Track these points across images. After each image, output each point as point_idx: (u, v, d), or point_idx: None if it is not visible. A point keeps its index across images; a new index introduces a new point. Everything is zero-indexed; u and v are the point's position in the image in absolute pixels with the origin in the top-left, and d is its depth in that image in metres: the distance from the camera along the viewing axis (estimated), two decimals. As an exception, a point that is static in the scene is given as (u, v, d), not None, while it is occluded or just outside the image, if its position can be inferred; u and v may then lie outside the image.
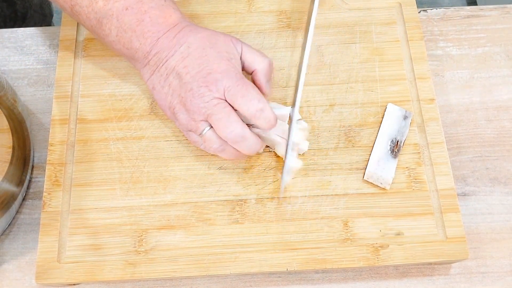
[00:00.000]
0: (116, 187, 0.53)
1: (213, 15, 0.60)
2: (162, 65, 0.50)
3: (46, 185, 0.52)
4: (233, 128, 0.47)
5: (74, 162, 0.54)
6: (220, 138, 0.49)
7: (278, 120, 0.51)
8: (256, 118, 0.48)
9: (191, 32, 0.50)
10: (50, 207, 0.51)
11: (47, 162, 0.53)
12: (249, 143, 0.48)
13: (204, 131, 0.49)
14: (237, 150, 0.49)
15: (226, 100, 0.48)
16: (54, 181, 0.52)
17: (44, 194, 0.52)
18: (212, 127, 0.48)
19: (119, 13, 0.49)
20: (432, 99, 0.56)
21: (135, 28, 0.50)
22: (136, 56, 0.51)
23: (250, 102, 0.47)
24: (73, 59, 0.58)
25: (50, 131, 0.55)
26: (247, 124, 0.49)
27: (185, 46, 0.49)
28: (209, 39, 0.50)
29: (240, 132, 0.47)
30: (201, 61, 0.48)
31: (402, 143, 0.54)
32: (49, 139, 0.54)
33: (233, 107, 0.48)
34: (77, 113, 0.56)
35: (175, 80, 0.49)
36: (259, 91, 0.48)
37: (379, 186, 0.52)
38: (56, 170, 0.53)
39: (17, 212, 0.55)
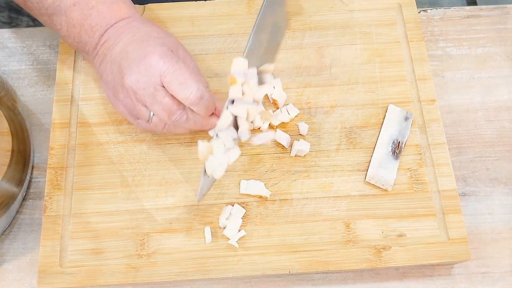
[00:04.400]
0: (118, 190, 0.52)
1: (213, 17, 0.60)
2: (108, 53, 0.50)
3: (47, 189, 0.52)
4: (175, 117, 0.48)
5: (75, 166, 0.53)
6: (164, 122, 0.49)
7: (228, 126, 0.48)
8: (194, 105, 0.47)
9: (142, 24, 0.51)
10: (52, 211, 0.51)
11: (48, 166, 0.53)
12: (196, 118, 0.49)
13: (151, 115, 0.49)
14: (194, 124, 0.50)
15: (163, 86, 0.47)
16: (55, 185, 0.52)
17: (45, 198, 0.52)
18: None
19: (67, 9, 0.50)
20: (433, 100, 0.56)
21: (83, 22, 0.50)
22: (86, 49, 0.52)
23: (188, 90, 0.46)
24: (73, 62, 0.58)
25: (51, 134, 0.54)
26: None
27: (131, 34, 0.50)
28: (157, 32, 0.50)
29: (183, 118, 0.48)
30: (141, 46, 0.48)
31: (403, 144, 0.54)
32: (50, 143, 0.54)
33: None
34: (77, 116, 0.56)
35: (116, 67, 0.49)
36: (196, 76, 0.47)
37: (381, 188, 0.52)
38: (57, 174, 0.53)
39: (17, 212, 0.55)
